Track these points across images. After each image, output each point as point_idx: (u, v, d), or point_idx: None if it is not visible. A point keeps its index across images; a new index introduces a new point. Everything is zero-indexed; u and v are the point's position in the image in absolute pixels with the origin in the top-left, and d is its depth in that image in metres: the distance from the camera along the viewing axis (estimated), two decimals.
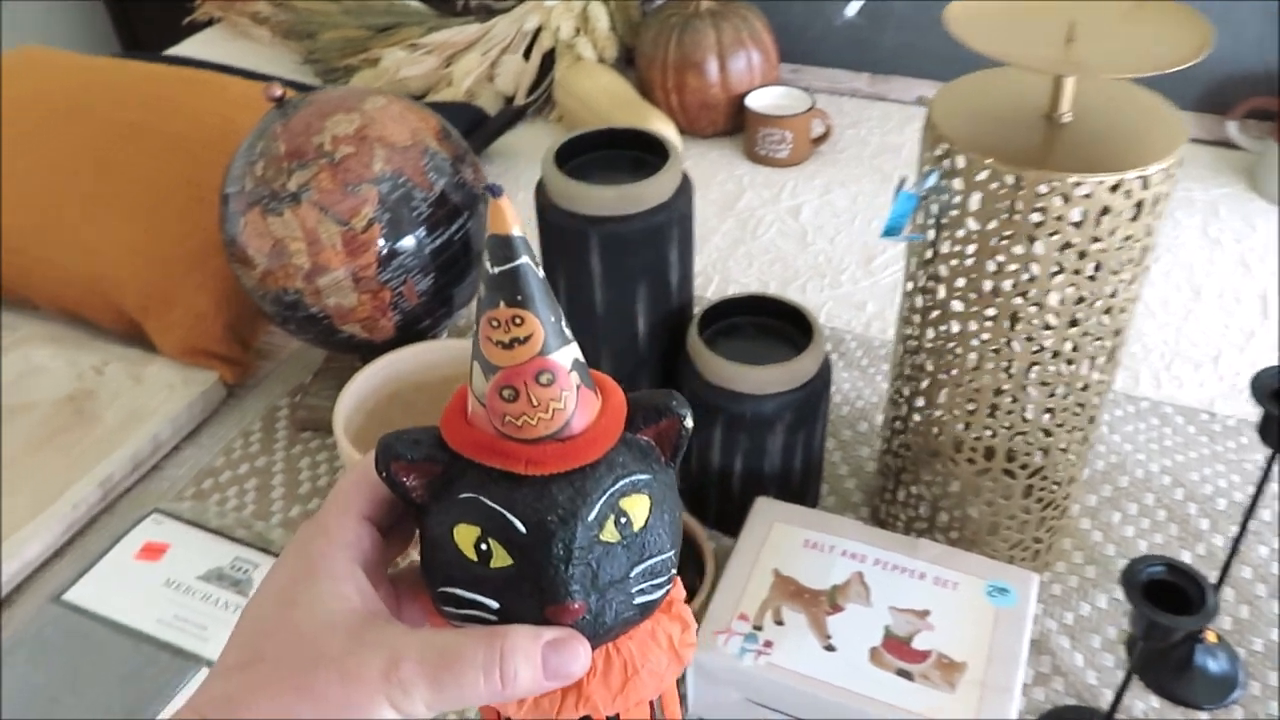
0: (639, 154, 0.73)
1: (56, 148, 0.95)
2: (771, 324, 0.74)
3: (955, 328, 0.61)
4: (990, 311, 0.59)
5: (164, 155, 0.91)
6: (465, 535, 0.33)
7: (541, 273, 0.33)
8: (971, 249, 0.57)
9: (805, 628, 0.61)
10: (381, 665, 0.32)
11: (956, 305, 0.59)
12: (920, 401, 0.66)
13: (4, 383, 0.91)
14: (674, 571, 0.36)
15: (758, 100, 1.19)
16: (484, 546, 0.33)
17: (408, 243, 0.74)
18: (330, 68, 1.36)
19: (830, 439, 0.83)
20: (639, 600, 0.34)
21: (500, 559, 0.33)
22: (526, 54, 1.27)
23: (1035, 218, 0.54)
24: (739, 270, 1.04)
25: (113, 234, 0.91)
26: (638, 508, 0.34)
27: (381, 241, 0.73)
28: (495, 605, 0.34)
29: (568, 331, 0.33)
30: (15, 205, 0.94)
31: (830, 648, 0.60)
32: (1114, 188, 0.52)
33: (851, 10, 1.00)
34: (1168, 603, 0.51)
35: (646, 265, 0.70)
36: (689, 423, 0.35)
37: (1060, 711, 0.63)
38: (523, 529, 0.33)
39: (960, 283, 0.58)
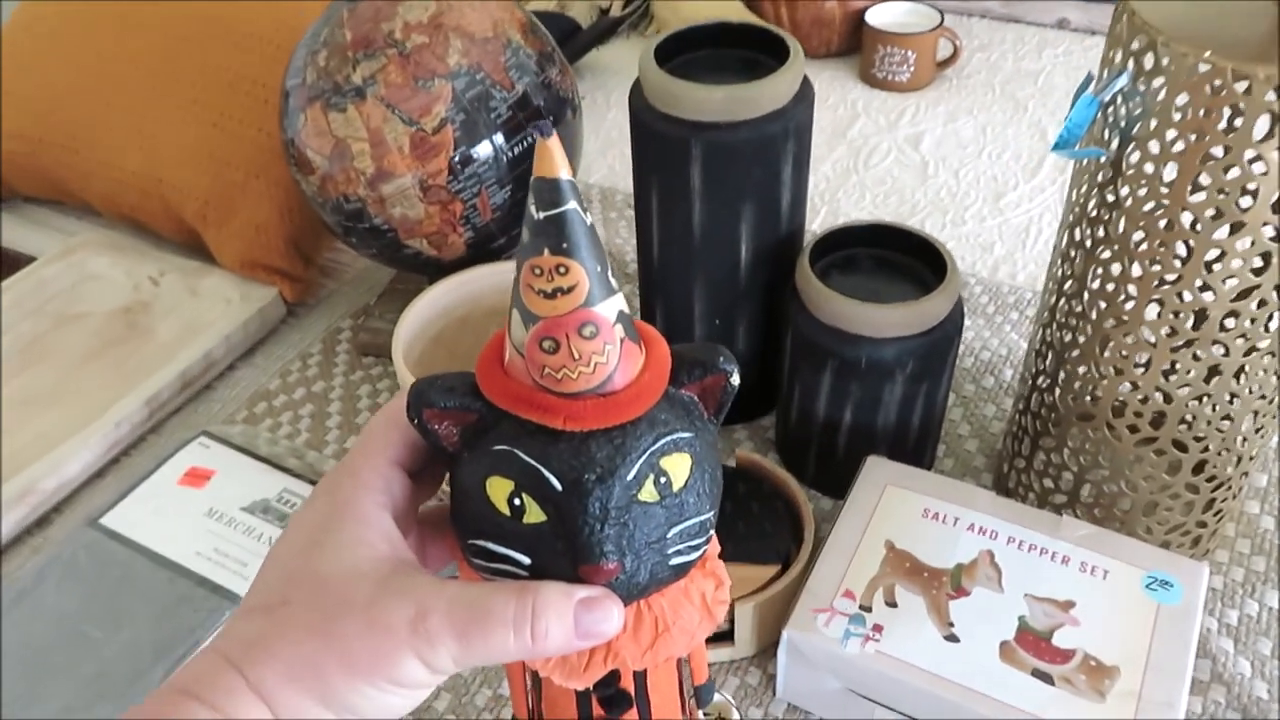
0: (752, 54, 0.63)
1: (117, 42, 0.88)
2: (895, 258, 0.64)
3: (1134, 269, 0.50)
4: (1182, 248, 0.48)
5: (229, 52, 0.84)
6: (498, 488, 0.32)
7: (589, 219, 0.31)
8: (1169, 169, 0.46)
9: (923, 612, 0.52)
10: (408, 617, 0.30)
11: (1138, 239, 0.48)
12: (1074, 354, 0.55)
13: (59, 291, 0.86)
14: (711, 532, 0.35)
15: (878, 17, 1.07)
16: (517, 501, 0.32)
17: (484, 149, 0.66)
18: None
19: (951, 395, 0.72)
20: (675, 561, 0.34)
21: (534, 515, 0.32)
22: None
23: (1261, 125, 0.43)
24: (850, 203, 0.93)
25: (173, 135, 0.84)
26: (678, 467, 0.33)
27: (454, 146, 0.65)
28: (527, 561, 0.32)
29: (614, 282, 0.32)
30: (75, 101, 0.88)
31: (952, 638, 0.51)
32: None
33: None
34: None
35: (755, 182, 0.60)
36: (735, 379, 0.34)
37: None
38: (558, 486, 0.31)
39: (1148, 209, 0.47)
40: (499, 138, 0.66)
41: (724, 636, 0.58)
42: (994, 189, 0.94)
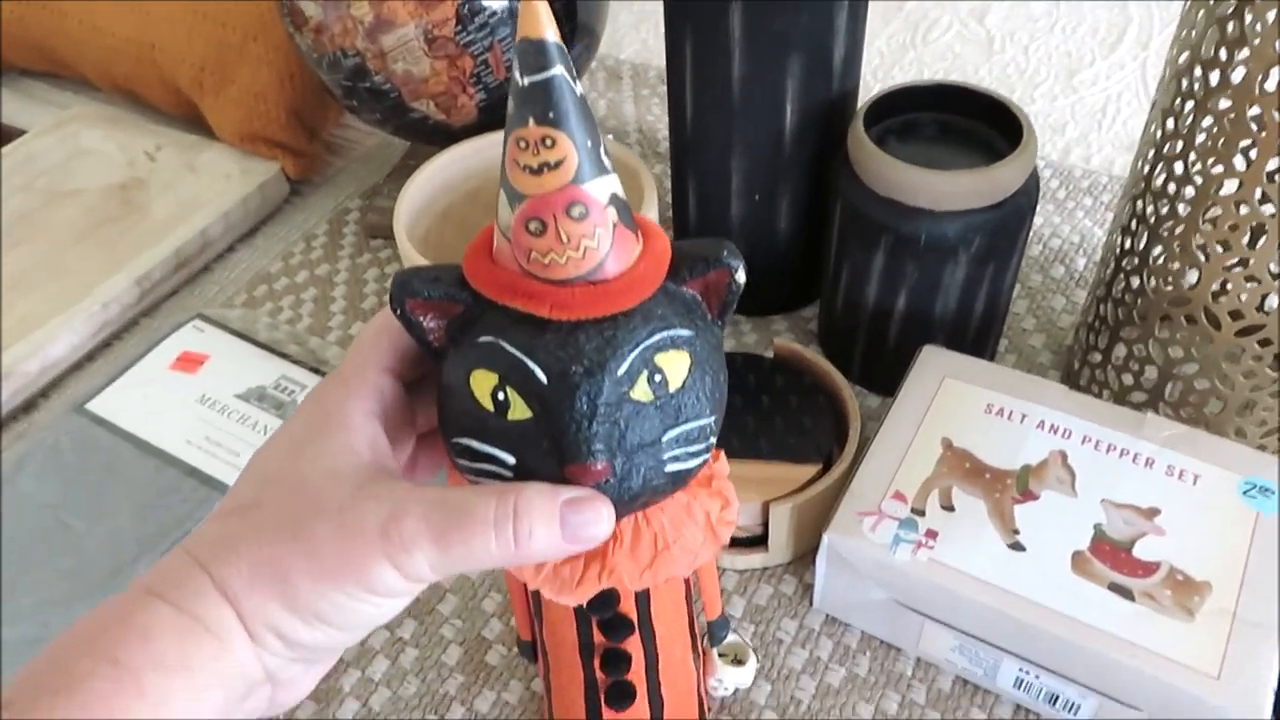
0: None
1: None
2: (961, 124, 0.56)
3: (1253, 124, 0.42)
4: None
5: None
6: (482, 382, 0.30)
7: (580, 89, 0.29)
8: None
9: (984, 517, 0.46)
10: (380, 520, 0.29)
11: (1271, 86, 0.40)
12: (1171, 226, 0.48)
13: (51, 165, 0.80)
14: (713, 440, 0.33)
15: None
16: (501, 396, 0.30)
17: None
18: None
19: (1017, 285, 0.65)
20: (671, 468, 0.31)
21: (519, 411, 0.30)
22: None
23: None
24: (906, 80, 0.84)
25: None
26: (675, 365, 0.31)
27: None
28: (511, 460, 0.31)
29: (607, 161, 0.30)
30: None
31: (1017, 547, 0.45)
32: None
33: None
34: None
35: (804, 30, 0.52)
36: (740, 276, 0.32)
37: None
38: (544, 379, 0.29)
39: None
40: None
41: (757, 541, 0.52)
42: (1067, 65, 0.85)
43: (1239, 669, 0.40)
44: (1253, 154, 0.43)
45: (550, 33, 0.28)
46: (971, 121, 0.56)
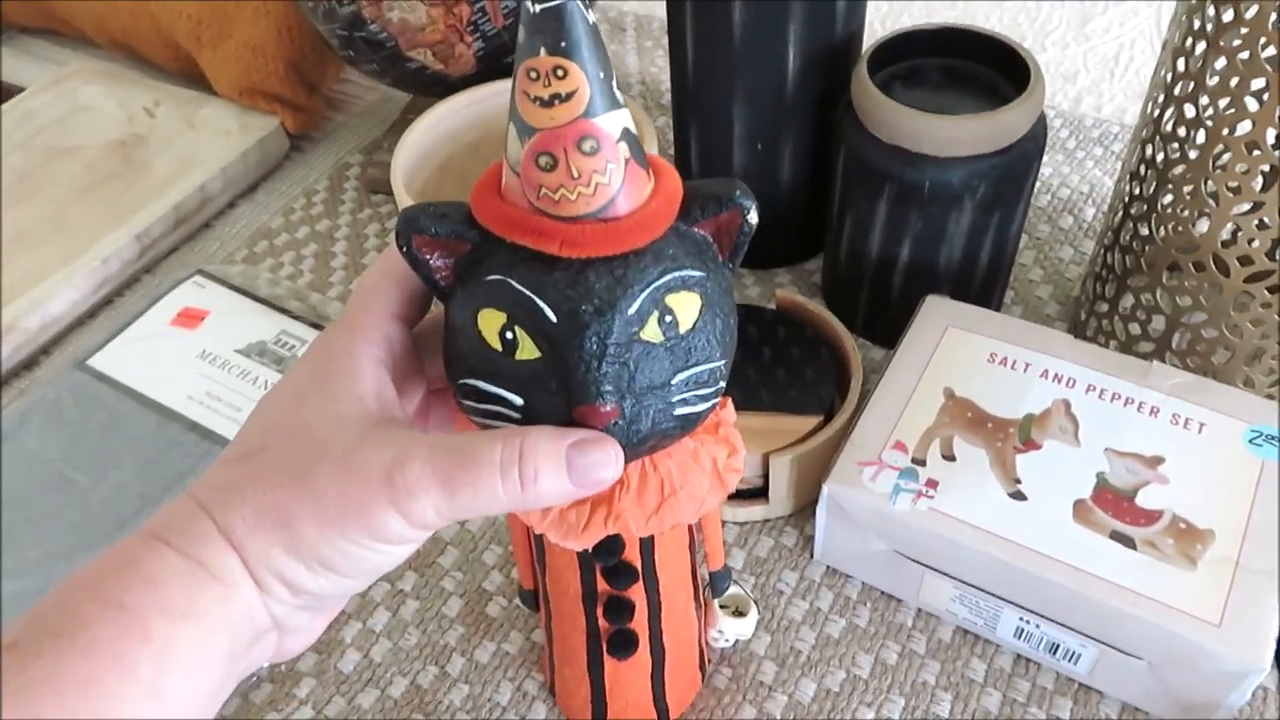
0: None
1: None
2: (967, 68, 0.55)
3: (1268, 57, 0.41)
4: None
5: None
6: (490, 321, 0.30)
7: (593, 17, 0.28)
8: None
9: (985, 467, 0.46)
10: (384, 465, 0.28)
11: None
12: (1182, 171, 0.47)
13: (48, 122, 0.80)
14: (723, 384, 0.32)
15: None
16: (510, 335, 0.30)
17: None
18: None
19: (1024, 236, 0.64)
20: (680, 411, 0.31)
21: (527, 350, 0.30)
22: None
23: None
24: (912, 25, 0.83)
25: None
26: (686, 307, 0.30)
27: None
28: (519, 401, 0.30)
29: (619, 95, 0.29)
30: None
31: (1019, 496, 0.44)
32: None
33: None
34: None
35: None
36: (753, 217, 0.32)
37: None
38: (553, 317, 0.29)
39: None
40: None
41: (758, 494, 0.52)
42: (1079, 12, 0.83)
43: (1240, 617, 0.40)
44: (1266, 96, 0.42)
45: None
46: (978, 66, 0.55)
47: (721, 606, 0.45)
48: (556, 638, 0.42)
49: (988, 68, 0.54)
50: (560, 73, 0.28)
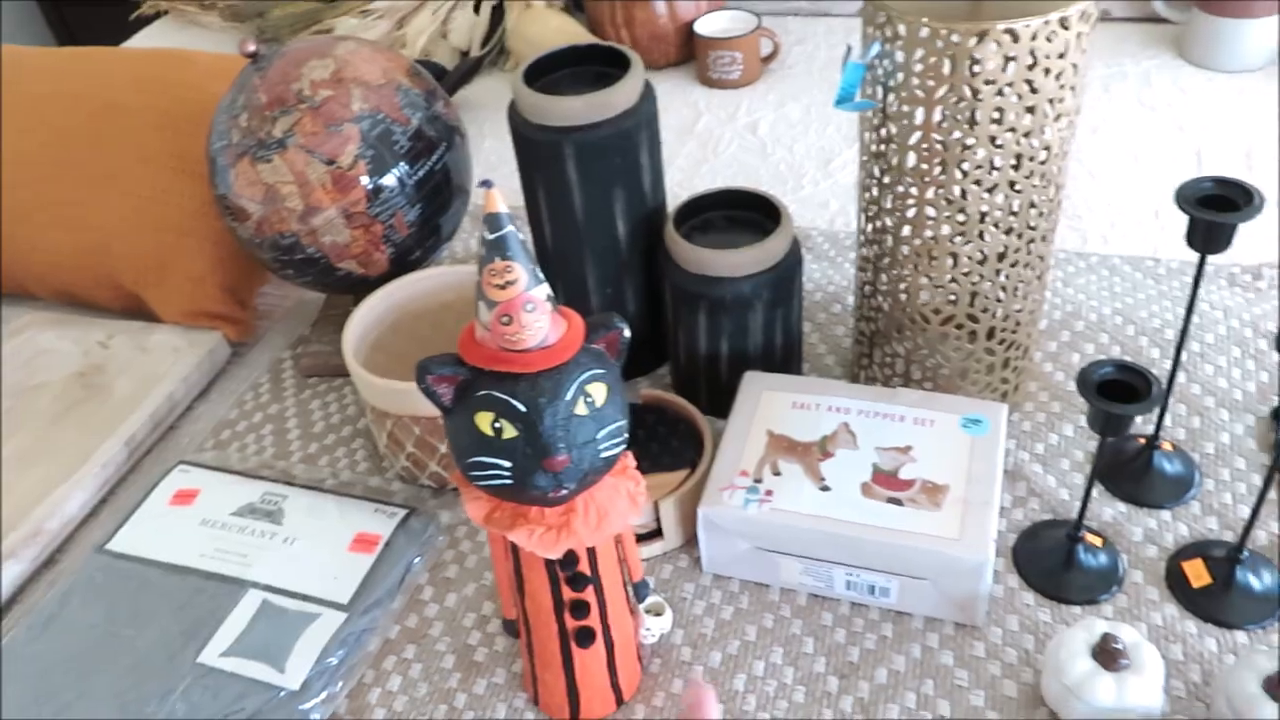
0: (601, 69, 0.77)
1: (43, 131, 0.98)
2: (742, 215, 0.79)
3: (912, 188, 0.66)
4: (939, 169, 0.64)
5: (147, 131, 0.94)
6: (483, 419, 0.49)
7: (522, 236, 0.49)
8: (919, 110, 0.62)
9: (801, 475, 0.67)
10: None
11: (911, 161, 0.64)
12: (886, 261, 0.71)
13: (14, 367, 0.95)
14: (627, 436, 0.52)
15: (706, 26, 1.23)
16: (497, 425, 0.49)
17: (392, 177, 0.79)
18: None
19: (806, 323, 0.88)
20: (604, 454, 0.51)
21: (509, 432, 0.49)
22: (476, 8, 1.31)
23: (972, 68, 0.59)
24: (705, 186, 1.08)
25: (105, 209, 0.94)
26: (599, 390, 0.50)
27: (367, 177, 0.77)
28: (508, 465, 0.49)
29: (540, 275, 0.49)
30: (8, 188, 0.97)
31: (825, 488, 0.66)
32: (1036, 34, 0.58)
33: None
34: (1121, 400, 0.57)
35: (620, 169, 0.74)
36: (627, 333, 0.53)
37: (1038, 526, 0.69)
38: (523, 409, 0.49)
39: (912, 140, 0.63)
40: (403, 165, 0.79)
41: (655, 534, 0.71)
42: (823, 157, 1.10)
43: (970, 532, 0.62)
44: (909, 212, 0.67)
45: (503, 207, 0.48)
46: (749, 213, 0.79)
47: (645, 611, 0.64)
48: (536, 644, 0.60)
49: (756, 213, 0.79)
50: (509, 270, 0.48)
